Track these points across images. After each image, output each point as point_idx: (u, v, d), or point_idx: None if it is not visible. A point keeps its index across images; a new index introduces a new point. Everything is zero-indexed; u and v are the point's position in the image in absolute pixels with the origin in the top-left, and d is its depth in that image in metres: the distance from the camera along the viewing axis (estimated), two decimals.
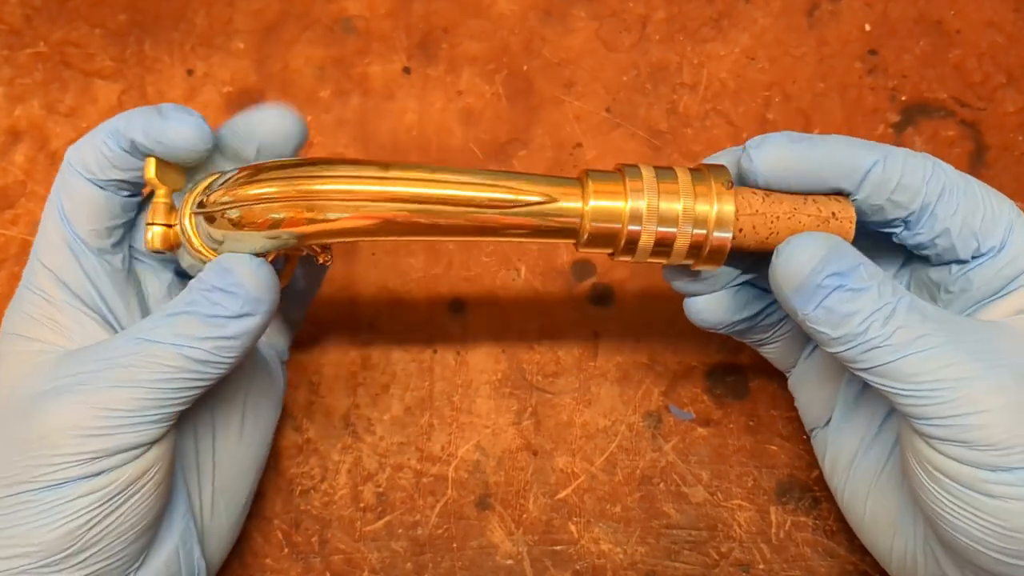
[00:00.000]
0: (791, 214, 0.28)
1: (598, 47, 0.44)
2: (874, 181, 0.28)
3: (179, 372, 0.28)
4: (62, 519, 0.27)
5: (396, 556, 0.36)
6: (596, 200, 0.28)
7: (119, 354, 0.28)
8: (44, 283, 0.30)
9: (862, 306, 0.26)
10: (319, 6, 0.45)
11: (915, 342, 0.26)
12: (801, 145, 0.29)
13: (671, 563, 0.35)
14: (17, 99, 0.45)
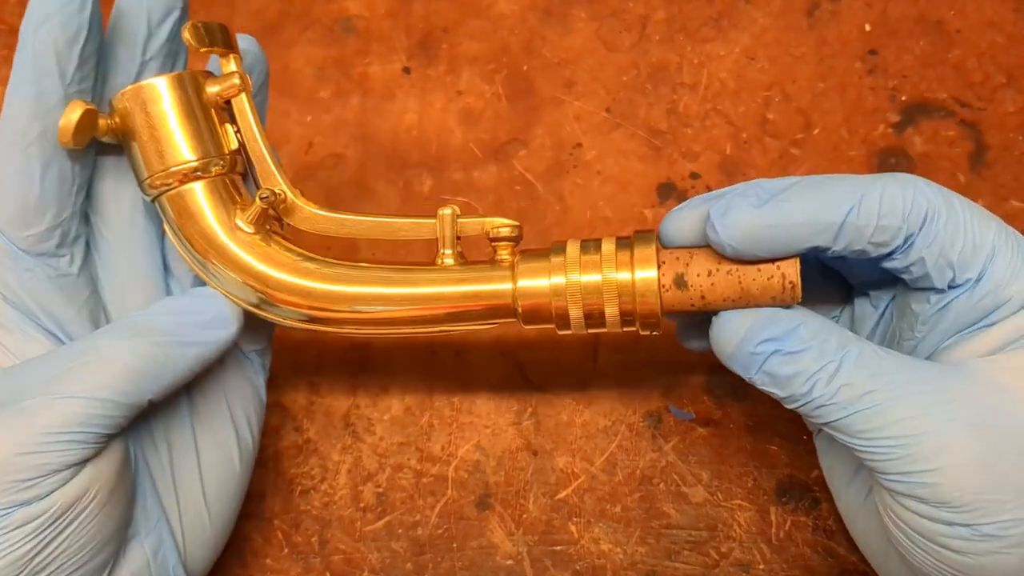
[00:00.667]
0: (729, 270, 0.28)
1: (598, 47, 0.44)
2: (850, 231, 0.27)
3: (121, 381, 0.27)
4: (10, 547, 0.26)
5: (396, 556, 0.36)
6: (523, 280, 0.30)
7: (60, 366, 0.27)
8: None
9: (803, 367, 0.26)
10: (319, 6, 0.45)
11: (862, 399, 0.26)
12: (767, 210, 0.27)
13: (671, 563, 0.35)
14: None
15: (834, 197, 0.27)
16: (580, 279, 0.29)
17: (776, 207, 0.27)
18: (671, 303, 0.29)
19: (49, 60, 0.28)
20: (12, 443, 0.26)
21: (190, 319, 0.29)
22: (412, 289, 0.30)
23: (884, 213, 0.27)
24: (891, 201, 0.27)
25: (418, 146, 0.43)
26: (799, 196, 0.27)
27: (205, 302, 0.30)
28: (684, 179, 0.41)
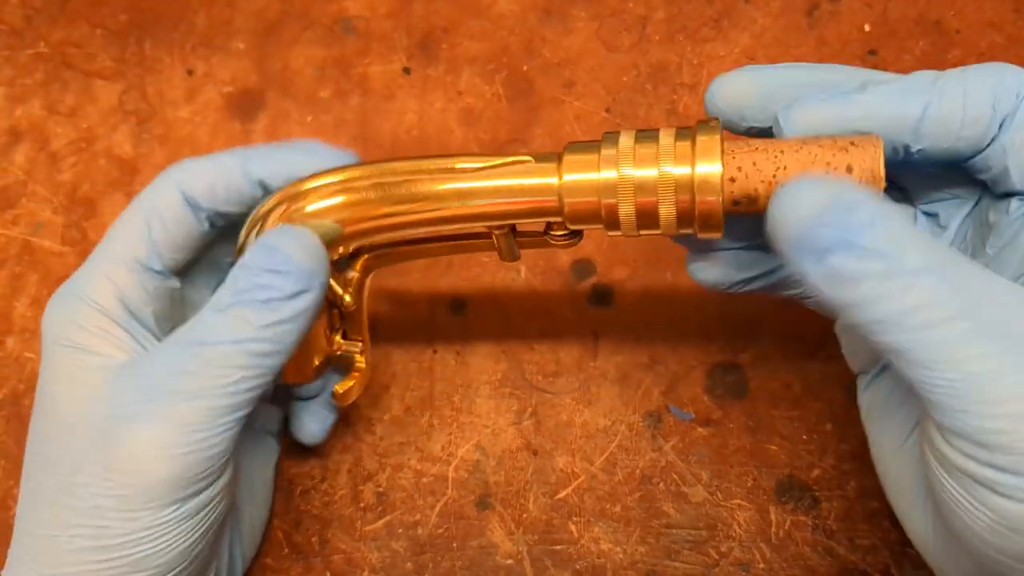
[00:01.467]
0: (797, 161, 0.24)
1: (598, 47, 0.44)
2: (931, 129, 0.24)
3: (243, 371, 0.26)
4: (163, 547, 0.26)
5: (396, 556, 0.36)
6: (570, 173, 0.27)
7: (181, 364, 0.27)
8: (102, 295, 0.29)
9: (874, 270, 0.22)
10: (319, 6, 0.45)
11: (940, 325, 0.21)
12: (837, 104, 0.24)
13: (671, 563, 0.35)
14: (18, 99, 0.45)
15: (911, 87, 0.24)
16: (634, 173, 0.26)
17: (846, 100, 0.24)
18: (740, 202, 0.25)
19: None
20: (174, 437, 0.26)
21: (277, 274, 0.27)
22: (448, 185, 0.28)
23: (969, 105, 0.23)
24: (977, 91, 0.23)
25: (418, 146, 0.43)
26: (873, 91, 0.24)
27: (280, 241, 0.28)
28: None
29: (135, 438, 0.26)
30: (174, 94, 0.44)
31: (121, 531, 0.26)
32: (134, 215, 0.30)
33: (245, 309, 0.26)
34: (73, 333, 0.28)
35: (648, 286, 0.40)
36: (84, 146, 0.44)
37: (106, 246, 0.30)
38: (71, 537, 0.26)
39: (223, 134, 0.43)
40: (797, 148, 0.24)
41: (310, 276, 0.27)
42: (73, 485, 0.27)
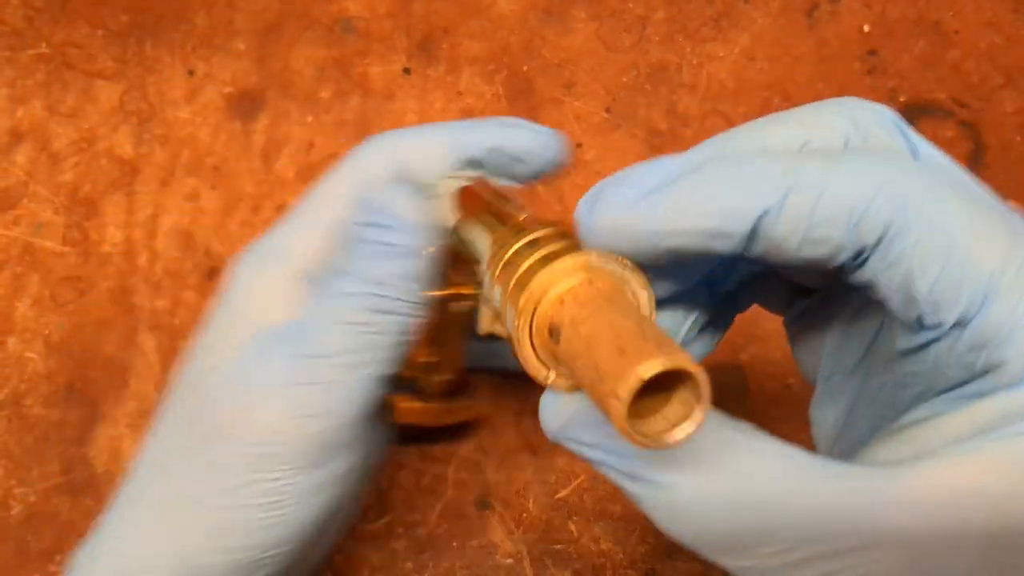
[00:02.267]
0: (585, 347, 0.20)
1: (598, 47, 0.44)
2: (765, 242, 0.19)
3: (368, 328, 0.26)
4: (285, 518, 0.26)
5: (396, 555, 0.36)
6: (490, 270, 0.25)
7: (312, 325, 0.26)
8: (295, 256, 0.28)
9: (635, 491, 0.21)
10: (319, 6, 0.45)
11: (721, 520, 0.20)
12: (642, 208, 0.20)
13: (671, 562, 0.35)
14: (19, 100, 0.45)
15: (742, 194, 0.19)
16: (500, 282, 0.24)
17: (654, 204, 0.20)
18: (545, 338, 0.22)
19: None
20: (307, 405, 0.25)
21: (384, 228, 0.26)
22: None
23: (819, 220, 0.19)
24: (834, 202, 0.19)
25: None
26: (692, 189, 0.20)
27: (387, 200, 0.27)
28: None
29: (261, 398, 0.26)
30: (175, 94, 0.44)
31: (249, 493, 0.26)
32: (337, 179, 0.29)
33: (363, 265, 0.26)
34: (254, 291, 0.28)
35: None
36: (85, 146, 0.44)
37: (308, 207, 0.29)
38: (201, 493, 0.26)
39: (224, 134, 0.44)
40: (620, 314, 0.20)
41: (415, 229, 0.26)
42: (209, 440, 0.26)
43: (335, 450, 0.26)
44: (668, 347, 0.18)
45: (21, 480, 0.38)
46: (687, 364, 0.17)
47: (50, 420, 0.39)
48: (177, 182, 0.43)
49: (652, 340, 0.18)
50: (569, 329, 0.20)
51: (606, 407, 0.18)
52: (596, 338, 0.19)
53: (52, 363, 0.40)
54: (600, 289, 0.21)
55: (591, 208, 0.21)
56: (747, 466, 0.20)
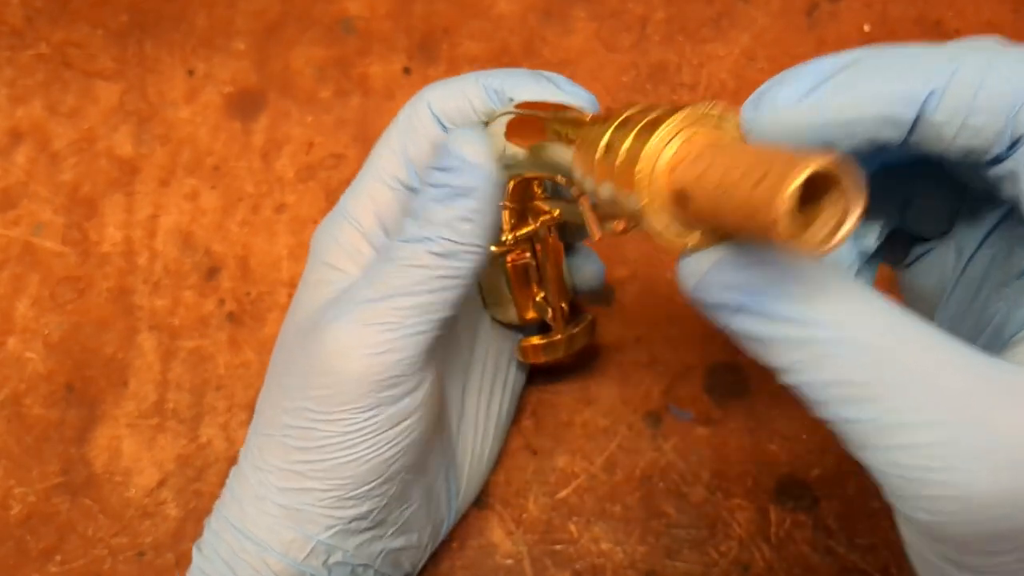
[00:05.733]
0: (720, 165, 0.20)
1: (598, 47, 0.44)
2: (926, 129, 0.20)
3: (428, 269, 0.27)
4: (360, 455, 0.27)
5: None
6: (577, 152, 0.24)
7: (376, 267, 0.28)
8: (362, 214, 0.30)
9: (782, 336, 0.20)
10: (319, 6, 0.45)
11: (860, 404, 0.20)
12: (808, 103, 0.20)
13: (671, 562, 0.35)
14: (19, 100, 0.45)
15: (908, 78, 0.19)
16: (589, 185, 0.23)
17: (819, 99, 0.20)
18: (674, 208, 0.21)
19: None
20: (366, 337, 0.27)
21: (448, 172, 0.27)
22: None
23: (979, 106, 0.19)
24: (997, 87, 0.19)
25: None
26: (856, 79, 0.20)
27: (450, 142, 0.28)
28: None
29: (333, 337, 0.27)
30: (174, 94, 0.44)
31: (322, 433, 0.27)
32: (391, 135, 0.30)
33: (426, 209, 0.27)
34: (331, 251, 0.30)
35: (648, 286, 0.40)
36: (85, 146, 0.44)
37: (369, 166, 0.30)
38: (283, 437, 0.28)
39: (223, 134, 0.43)
40: (739, 151, 0.20)
41: (475, 170, 0.27)
42: (286, 388, 0.28)
43: (400, 389, 0.27)
44: (803, 156, 0.17)
45: (20, 480, 0.38)
46: (831, 162, 0.17)
47: (49, 420, 0.39)
48: (177, 182, 0.43)
49: (783, 156, 0.18)
50: (697, 188, 0.20)
51: (767, 232, 0.17)
52: (729, 182, 0.19)
53: (51, 363, 0.40)
54: (707, 138, 0.21)
55: (756, 106, 0.21)
56: (886, 304, 0.20)
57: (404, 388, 0.28)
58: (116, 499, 0.37)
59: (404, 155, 0.30)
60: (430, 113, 0.29)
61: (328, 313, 0.28)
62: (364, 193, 0.30)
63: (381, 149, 0.30)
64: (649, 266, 0.40)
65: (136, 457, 0.38)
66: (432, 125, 0.29)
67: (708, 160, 0.20)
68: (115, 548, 0.37)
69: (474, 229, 0.27)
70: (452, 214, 0.27)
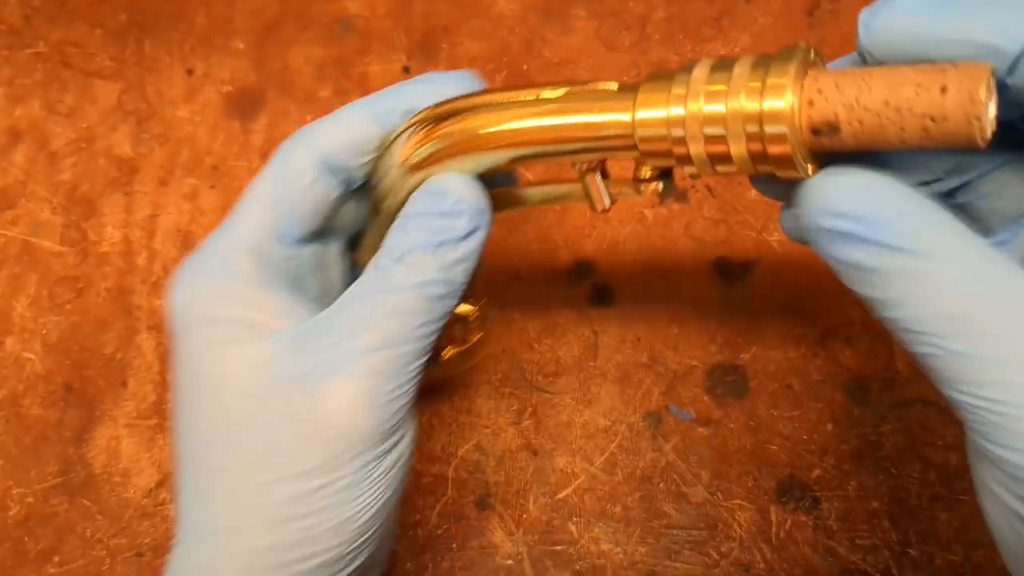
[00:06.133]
0: (884, 81, 0.21)
1: (598, 47, 0.44)
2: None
3: (425, 315, 0.26)
4: (364, 506, 0.26)
5: (396, 556, 0.36)
6: (643, 109, 0.25)
7: (364, 315, 0.26)
8: (243, 266, 0.28)
9: (896, 268, 0.20)
10: (319, 6, 0.45)
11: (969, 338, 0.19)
12: (929, 15, 0.21)
13: (671, 563, 0.35)
14: (17, 99, 0.45)
15: (1019, 15, 0.20)
16: (702, 109, 0.24)
17: (941, 13, 0.21)
18: (821, 144, 0.23)
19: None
20: (367, 390, 0.26)
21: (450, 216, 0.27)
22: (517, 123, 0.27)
23: None
24: None
25: None
26: (973, 8, 0.21)
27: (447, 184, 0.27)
28: (684, 179, 0.41)
29: (338, 392, 0.25)
30: (174, 94, 0.44)
31: (326, 493, 0.25)
32: (266, 183, 0.29)
33: (422, 254, 0.26)
34: (223, 309, 0.27)
35: (648, 286, 0.40)
36: (83, 146, 0.44)
37: (238, 217, 0.29)
38: (273, 506, 0.25)
39: (223, 133, 0.43)
40: (887, 70, 0.22)
41: (480, 213, 0.27)
42: (273, 453, 0.26)
43: (401, 431, 0.27)
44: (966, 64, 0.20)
45: (19, 481, 0.38)
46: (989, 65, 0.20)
47: (48, 420, 0.39)
48: (176, 181, 0.43)
49: (946, 67, 0.20)
50: (853, 113, 0.22)
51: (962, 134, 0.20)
52: (902, 99, 0.21)
53: (50, 363, 0.40)
54: (825, 72, 0.23)
55: (875, 13, 0.22)
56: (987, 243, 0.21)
57: (404, 429, 0.27)
58: (115, 500, 0.37)
59: (281, 206, 0.29)
60: (312, 158, 0.29)
61: (319, 367, 0.26)
62: (238, 245, 0.28)
63: (251, 198, 0.29)
64: (649, 266, 0.40)
65: (135, 458, 0.38)
66: (314, 171, 0.29)
67: (857, 85, 0.22)
68: (114, 549, 0.36)
69: (467, 269, 0.27)
70: (452, 257, 0.26)
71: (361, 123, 0.29)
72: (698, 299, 0.39)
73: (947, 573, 0.34)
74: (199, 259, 0.28)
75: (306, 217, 0.29)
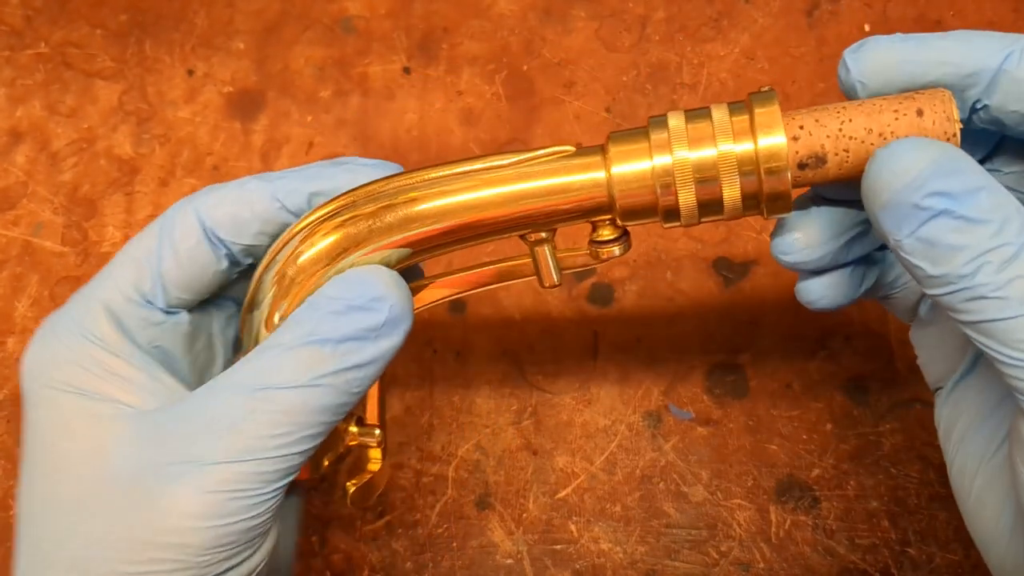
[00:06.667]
0: (862, 112, 0.23)
1: (598, 47, 0.44)
2: (1007, 83, 0.22)
3: (304, 426, 0.23)
4: None
5: (396, 556, 0.36)
6: (619, 164, 0.24)
7: (230, 412, 0.23)
8: (106, 332, 0.25)
9: (973, 241, 0.20)
10: (319, 6, 0.45)
11: None
12: (909, 45, 0.23)
13: (671, 562, 0.35)
14: (18, 100, 0.45)
15: (991, 40, 0.23)
16: (690, 156, 0.24)
17: (918, 43, 0.23)
18: (810, 175, 0.24)
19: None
20: (217, 503, 0.22)
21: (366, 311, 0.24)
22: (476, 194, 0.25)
23: None
24: None
25: (418, 146, 0.43)
26: (950, 36, 0.23)
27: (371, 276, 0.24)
28: None
29: (180, 502, 0.22)
30: (174, 94, 0.44)
31: None
32: (145, 241, 0.26)
33: (321, 349, 0.23)
34: (75, 376, 0.24)
35: (648, 286, 0.40)
36: (84, 146, 0.44)
37: (105, 273, 0.26)
38: None
39: (223, 134, 0.43)
40: (860, 103, 0.23)
41: (401, 318, 0.24)
42: (95, 556, 0.23)
43: (252, 548, 0.24)
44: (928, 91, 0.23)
45: None
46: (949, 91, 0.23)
47: None
48: (177, 182, 0.43)
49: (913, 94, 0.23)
50: (837, 143, 0.23)
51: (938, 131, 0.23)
52: (883, 124, 0.23)
53: None
54: (800, 112, 0.24)
55: (859, 48, 0.24)
56: None
57: (253, 548, 0.24)
58: None
59: (156, 270, 0.26)
60: (198, 224, 0.26)
61: (164, 468, 0.22)
62: (102, 309, 0.25)
63: (122, 263, 0.26)
64: (649, 266, 0.40)
65: None
66: (196, 232, 0.26)
67: (837, 118, 0.23)
68: None
69: (369, 378, 0.24)
70: (356, 358, 0.23)
71: (261, 199, 0.26)
72: (698, 299, 0.39)
73: (946, 572, 0.34)
74: (57, 317, 0.26)
75: (182, 283, 0.26)
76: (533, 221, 0.26)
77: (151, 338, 0.26)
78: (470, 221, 0.26)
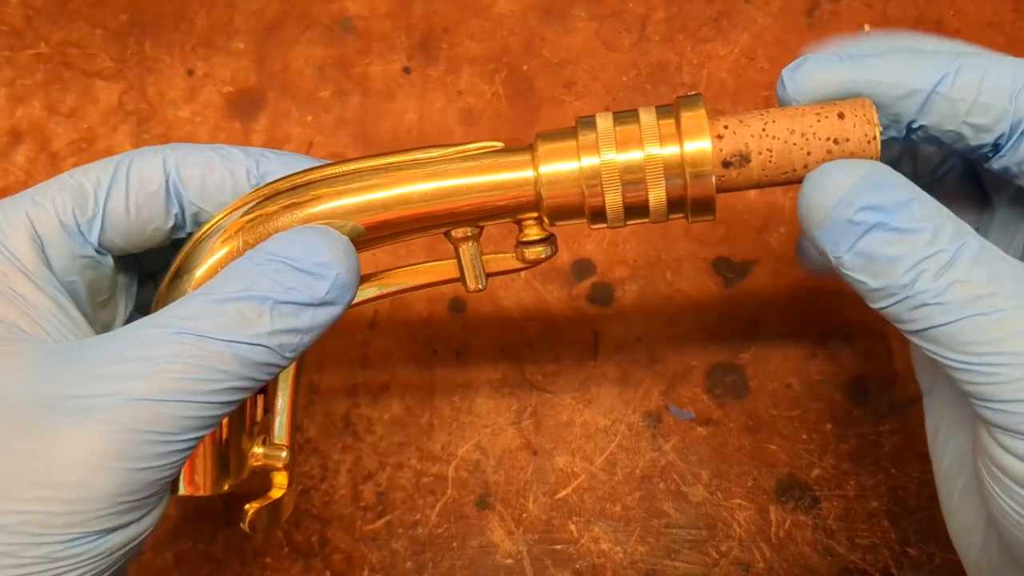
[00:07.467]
0: (784, 114, 0.24)
1: (598, 47, 0.44)
2: (941, 104, 0.23)
3: (232, 379, 0.21)
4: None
5: (396, 555, 0.36)
6: (547, 164, 0.24)
7: (153, 352, 0.21)
8: (23, 251, 0.23)
9: (909, 250, 0.21)
10: (319, 6, 0.45)
11: (976, 302, 0.20)
12: (846, 65, 0.24)
13: (671, 562, 0.35)
14: (18, 100, 0.45)
15: (927, 62, 0.23)
16: (617, 158, 0.24)
17: (856, 63, 0.24)
18: (735, 179, 0.24)
19: None
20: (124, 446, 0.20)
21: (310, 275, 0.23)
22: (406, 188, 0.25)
23: (986, 89, 0.22)
24: (997, 77, 0.22)
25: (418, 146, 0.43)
26: (886, 56, 0.24)
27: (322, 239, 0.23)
28: None
29: (84, 438, 0.20)
30: (174, 94, 0.44)
31: (27, 553, 0.20)
32: (96, 170, 0.25)
33: (256, 307, 0.22)
34: None
35: (648, 286, 0.40)
36: (84, 146, 0.44)
37: (39, 191, 0.24)
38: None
39: (223, 134, 0.43)
40: (783, 108, 0.24)
41: (346, 287, 0.23)
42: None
43: (146, 508, 0.22)
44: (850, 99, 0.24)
45: None
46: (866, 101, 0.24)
47: None
48: None
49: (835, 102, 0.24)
50: (761, 142, 0.24)
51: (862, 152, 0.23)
52: (805, 126, 0.23)
53: None
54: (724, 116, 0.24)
55: (796, 67, 0.24)
56: None
57: (147, 510, 0.22)
58: None
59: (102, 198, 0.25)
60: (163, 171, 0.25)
61: (66, 400, 0.20)
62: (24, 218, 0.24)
63: (76, 177, 0.25)
64: (649, 266, 0.40)
65: None
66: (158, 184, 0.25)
67: (761, 119, 0.24)
68: None
69: (302, 345, 0.22)
70: (291, 323, 0.22)
71: (237, 171, 0.26)
72: (698, 299, 0.39)
73: (946, 572, 0.34)
74: None
75: (121, 228, 0.25)
76: (458, 218, 0.25)
77: (69, 271, 0.24)
78: (389, 218, 0.25)
